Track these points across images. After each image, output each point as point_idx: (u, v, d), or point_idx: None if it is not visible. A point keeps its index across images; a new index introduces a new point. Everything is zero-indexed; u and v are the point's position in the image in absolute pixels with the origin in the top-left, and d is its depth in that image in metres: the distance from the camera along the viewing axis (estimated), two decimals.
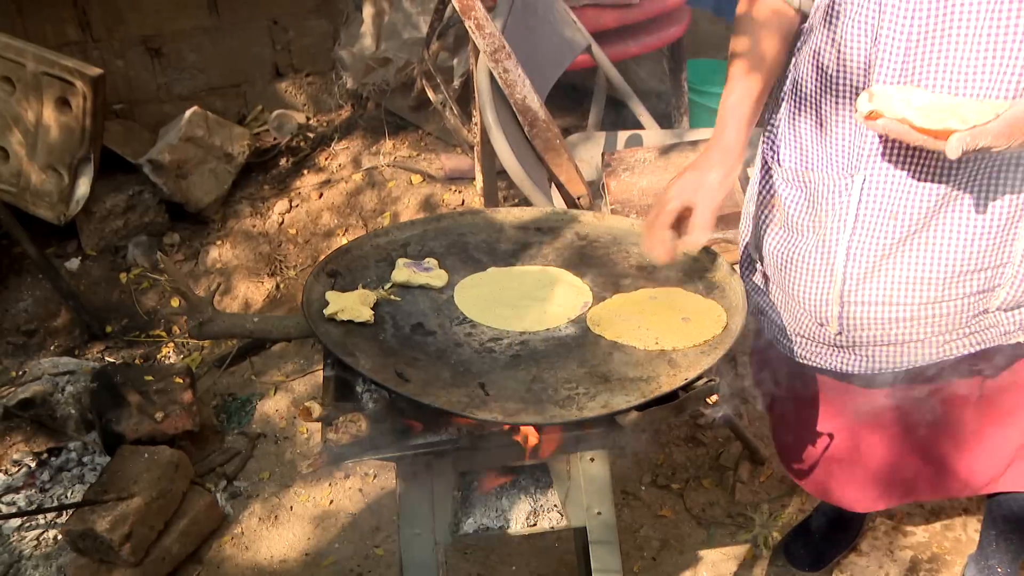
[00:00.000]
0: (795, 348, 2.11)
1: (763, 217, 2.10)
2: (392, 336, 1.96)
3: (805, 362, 2.12)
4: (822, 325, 1.99)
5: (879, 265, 1.88)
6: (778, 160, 2.05)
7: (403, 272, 2.11)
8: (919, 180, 1.79)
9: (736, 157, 1.97)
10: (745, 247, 2.24)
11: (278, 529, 3.05)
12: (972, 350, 1.97)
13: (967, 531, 2.83)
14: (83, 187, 3.84)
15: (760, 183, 2.11)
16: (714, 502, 3.00)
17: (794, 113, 2.01)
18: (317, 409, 1.79)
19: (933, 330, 1.93)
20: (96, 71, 3.72)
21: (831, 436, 2.33)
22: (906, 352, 1.98)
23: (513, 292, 2.10)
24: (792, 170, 2.00)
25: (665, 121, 4.16)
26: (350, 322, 1.96)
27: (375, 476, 3.16)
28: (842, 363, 2.05)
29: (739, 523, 2.93)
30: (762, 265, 2.16)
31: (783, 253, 2.04)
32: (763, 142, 2.12)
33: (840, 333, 1.98)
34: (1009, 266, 1.86)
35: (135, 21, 4.27)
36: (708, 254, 2.17)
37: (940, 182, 1.78)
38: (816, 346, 2.07)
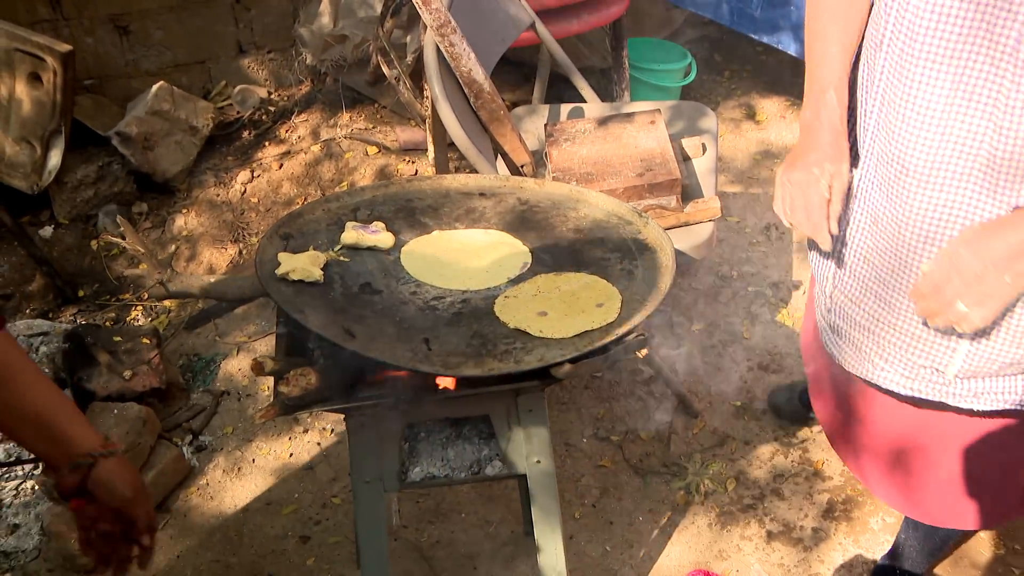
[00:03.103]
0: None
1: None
2: (341, 295, 1.95)
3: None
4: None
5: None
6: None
7: (352, 234, 2.09)
8: None
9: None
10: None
11: (241, 480, 3.04)
12: None
13: None
14: (55, 158, 3.78)
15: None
16: (650, 453, 3.01)
17: None
18: (269, 364, 1.78)
19: None
20: (66, 47, 3.66)
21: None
22: None
23: (456, 253, 2.10)
24: None
25: (607, 95, 4.14)
26: (301, 282, 1.95)
27: (332, 430, 3.15)
28: None
29: (673, 472, 2.94)
30: None
31: None
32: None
33: None
34: None
35: (104, 0, 4.21)
36: (642, 218, 2.17)
37: None
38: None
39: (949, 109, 1.56)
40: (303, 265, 1.97)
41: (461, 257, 2.08)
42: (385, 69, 4.14)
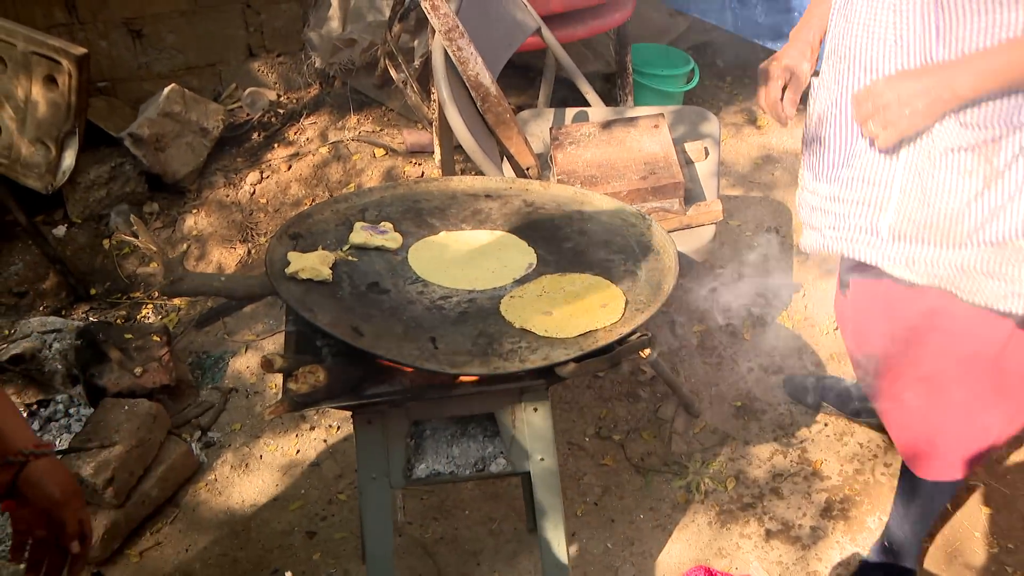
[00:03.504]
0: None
1: None
2: (349, 294, 1.95)
3: None
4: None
5: None
6: None
7: (360, 235, 2.10)
8: None
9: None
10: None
11: (249, 476, 3.04)
12: None
13: (875, 475, 2.87)
14: (69, 159, 3.79)
15: None
16: (652, 452, 3.01)
17: None
18: (279, 361, 1.78)
19: None
20: (81, 51, 3.66)
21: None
22: None
23: (463, 254, 2.10)
24: None
25: (611, 100, 4.15)
26: (310, 281, 1.95)
27: (339, 428, 3.15)
28: None
29: (674, 471, 2.94)
30: None
31: None
32: None
33: None
34: None
35: (118, 4, 4.21)
36: (645, 220, 2.17)
37: None
38: None
39: (870, 4, 1.81)
40: (312, 264, 1.97)
41: (467, 257, 2.09)
42: (393, 73, 4.14)
